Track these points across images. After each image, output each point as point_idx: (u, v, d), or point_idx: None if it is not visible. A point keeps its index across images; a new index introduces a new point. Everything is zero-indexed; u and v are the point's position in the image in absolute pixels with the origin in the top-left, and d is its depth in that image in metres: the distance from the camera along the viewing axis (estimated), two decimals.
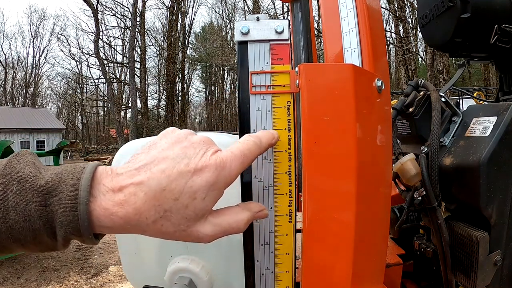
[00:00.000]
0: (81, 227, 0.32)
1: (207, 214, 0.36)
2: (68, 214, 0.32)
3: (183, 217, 0.34)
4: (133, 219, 0.33)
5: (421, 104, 0.72)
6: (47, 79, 38.13)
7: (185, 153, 0.35)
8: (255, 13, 19.97)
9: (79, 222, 0.32)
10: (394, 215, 0.77)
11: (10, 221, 0.31)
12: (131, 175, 0.34)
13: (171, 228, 0.34)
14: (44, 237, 0.33)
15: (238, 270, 0.51)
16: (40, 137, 22.10)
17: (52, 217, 0.32)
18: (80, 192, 0.32)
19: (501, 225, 0.61)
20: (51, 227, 0.32)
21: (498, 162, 0.59)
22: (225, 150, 0.38)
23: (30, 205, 0.32)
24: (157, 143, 0.37)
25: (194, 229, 0.35)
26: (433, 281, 0.78)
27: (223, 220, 0.37)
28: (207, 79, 37.23)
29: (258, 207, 0.41)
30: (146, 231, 0.34)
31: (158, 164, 0.34)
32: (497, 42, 0.75)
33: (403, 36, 15.38)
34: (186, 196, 0.34)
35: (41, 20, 36.94)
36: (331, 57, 0.57)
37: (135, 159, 0.36)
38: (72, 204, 0.32)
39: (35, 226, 0.32)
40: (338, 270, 0.43)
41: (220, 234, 0.37)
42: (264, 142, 0.40)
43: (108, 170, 0.35)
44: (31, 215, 0.32)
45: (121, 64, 28.14)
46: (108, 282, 4.15)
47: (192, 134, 0.39)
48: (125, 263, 0.64)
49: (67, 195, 0.32)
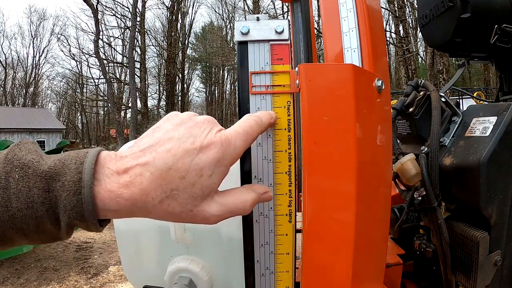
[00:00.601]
0: (85, 211, 0.31)
1: (213, 193, 0.36)
2: (72, 198, 0.31)
3: (190, 195, 0.34)
4: (140, 200, 0.32)
5: (421, 104, 0.72)
6: (47, 79, 38.14)
7: (190, 132, 0.35)
8: (255, 13, 19.99)
9: (83, 206, 0.31)
10: (394, 215, 0.77)
11: (13, 209, 0.31)
12: (136, 157, 0.33)
13: (178, 208, 0.34)
14: (47, 224, 0.32)
15: (238, 270, 0.51)
16: (40, 137, 22.12)
17: (55, 202, 0.31)
18: (84, 175, 0.31)
19: (501, 225, 0.61)
20: (55, 213, 0.32)
21: (498, 162, 0.59)
22: (228, 129, 0.38)
23: (33, 191, 0.31)
24: (161, 126, 0.37)
25: (200, 208, 0.35)
26: (433, 281, 0.78)
27: (229, 200, 0.37)
28: (207, 79, 37.25)
29: (263, 189, 0.41)
30: (152, 212, 0.34)
31: (163, 145, 0.34)
32: (497, 42, 0.75)
33: (403, 36, 15.38)
34: (192, 173, 0.33)
35: (41, 20, 36.94)
36: (331, 57, 0.57)
37: (139, 142, 0.36)
38: (75, 188, 0.31)
39: (38, 213, 0.31)
40: (338, 270, 0.43)
41: (226, 215, 0.37)
42: (264, 121, 0.41)
43: (111, 154, 0.35)
44: (34, 201, 0.31)
45: (121, 64, 28.15)
46: (108, 282, 4.15)
47: (196, 115, 0.39)
48: (125, 263, 0.64)
49: (70, 179, 0.31)
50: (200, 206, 0.35)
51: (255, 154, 0.45)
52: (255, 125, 0.39)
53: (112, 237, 5.59)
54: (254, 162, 0.45)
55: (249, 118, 0.40)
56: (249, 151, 0.45)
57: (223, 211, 0.36)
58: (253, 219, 0.46)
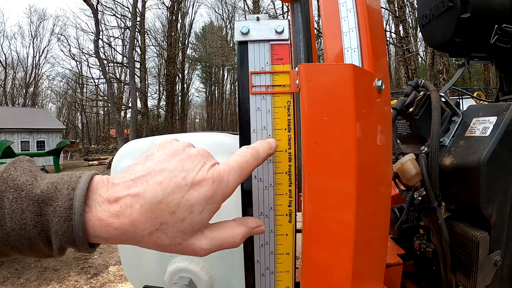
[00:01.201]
0: (75, 237, 0.32)
1: (203, 228, 0.36)
2: (63, 224, 0.32)
3: (179, 230, 0.34)
4: (129, 231, 0.33)
5: (421, 104, 0.72)
6: (47, 79, 38.14)
7: (183, 166, 0.35)
8: (255, 13, 19.97)
9: (73, 232, 0.32)
10: (394, 215, 0.77)
11: (7, 228, 0.32)
12: (127, 186, 0.34)
13: (167, 241, 0.34)
14: (40, 245, 0.33)
15: (238, 270, 0.51)
16: (40, 137, 22.10)
17: (47, 226, 0.32)
18: (75, 202, 0.32)
19: (501, 225, 0.61)
20: (46, 235, 0.32)
21: (498, 162, 0.59)
22: (222, 163, 0.37)
23: (25, 214, 0.32)
24: (154, 154, 0.37)
25: (190, 242, 0.35)
26: (433, 281, 0.78)
27: (220, 234, 0.37)
28: (207, 79, 37.24)
29: (255, 223, 0.41)
30: (141, 242, 0.34)
31: (154, 176, 0.34)
32: (497, 42, 0.75)
33: (403, 36, 15.38)
34: (183, 209, 0.33)
35: (41, 20, 36.95)
36: (331, 57, 0.57)
37: (131, 169, 0.35)
38: (66, 215, 0.32)
39: (30, 234, 0.32)
40: (338, 270, 0.43)
41: (215, 248, 0.37)
42: (262, 153, 0.40)
43: (104, 180, 0.35)
44: (26, 224, 0.32)
45: (121, 64, 28.15)
46: (108, 282, 4.15)
47: (190, 146, 0.39)
48: (125, 263, 0.64)
49: (62, 205, 0.32)
50: (190, 240, 0.35)
51: None
52: (251, 158, 0.38)
53: None
54: None
55: (245, 152, 0.39)
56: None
57: (212, 245, 0.36)
58: None
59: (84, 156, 25.84)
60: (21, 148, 20.52)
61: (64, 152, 24.44)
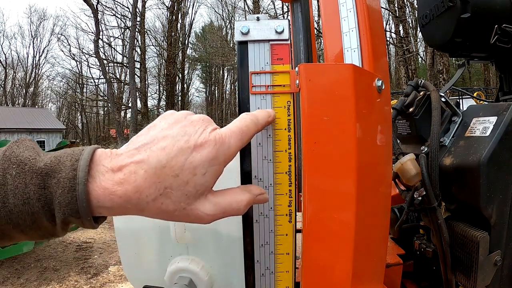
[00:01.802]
0: (79, 208, 0.32)
1: (207, 192, 0.36)
2: (67, 195, 0.31)
3: (184, 193, 0.34)
4: (133, 198, 0.33)
5: (421, 104, 0.72)
6: (47, 79, 38.11)
7: (185, 131, 0.35)
8: (255, 13, 19.97)
9: (77, 203, 0.32)
10: (394, 215, 0.77)
11: (10, 205, 0.31)
12: (131, 155, 0.34)
13: (171, 206, 0.34)
14: (43, 220, 0.32)
15: (238, 270, 0.51)
16: (40, 137, 22.11)
17: (50, 199, 0.32)
18: (79, 172, 0.32)
19: (501, 225, 0.61)
20: (50, 209, 0.32)
21: (498, 162, 0.59)
22: (223, 128, 0.38)
23: (29, 187, 0.32)
24: (157, 124, 0.37)
25: (194, 207, 0.35)
26: (433, 281, 0.78)
27: (224, 200, 0.37)
28: (207, 79, 37.24)
29: (258, 190, 0.41)
30: (145, 210, 0.34)
31: (158, 143, 0.34)
32: (497, 42, 0.75)
33: (403, 36, 15.38)
34: (186, 172, 0.34)
35: (41, 20, 36.92)
36: (331, 57, 0.57)
37: (134, 140, 0.36)
38: (70, 185, 0.31)
39: (34, 209, 0.32)
40: (338, 270, 0.43)
41: (220, 214, 0.37)
42: (261, 120, 0.41)
43: (107, 152, 0.35)
44: (30, 198, 0.31)
45: (121, 64, 28.15)
46: (108, 282, 4.15)
47: (191, 114, 0.39)
48: (125, 263, 0.64)
49: (65, 176, 0.32)
50: (194, 205, 0.35)
51: (255, 154, 0.45)
52: (251, 123, 0.39)
53: (112, 237, 5.58)
54: (254, 162, 0.45)
55: (245, 117, 0.40)
56: (249, 151, 0.45)
57: (216, 211, 0.36)
58: (253, 219, 0.46)
59: None
60: None
61: None
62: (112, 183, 0.32)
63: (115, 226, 0.61)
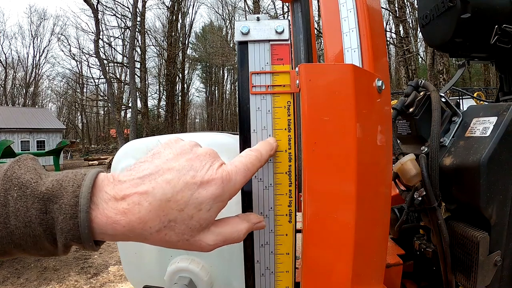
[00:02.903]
0: (81, 234, 0.32)
1: (210, 224, 0.37)
2: (69, 221, 0.32)
3: (188, 227, 0.34)
4: (137, 228, 0.33)
5: (421, 104, 0.72)
6: (47, 79, 38.11)
7: (191, 165, 0.35)
8: (255, 13, 19.97)
9: (79, 230, 0.32)
10: (394, 215, 0.77)
11: (11, 227, 0.32)
12: (135, 184, 0.33)
13: (174, 238, 0.34)
14: (45, 243, 0.33)
15: (238, 270, 0.51)
16: (40, 137, 22.10)
17: (52, 223, 0.32)
18: (81, 199, 0.32)
19: (501, 225, 0.61)
20: (52, 233, 0.32)
21: (498, 162, 0.59)
22: (229, 163, 0.38)
23: (30, 212, 0.32)
24: (161, 152, 0.37)
25: (197, 238, 0.36)
26: (433, 281, 0.78)
27: (225, 230, 0.38)
28: (207, 79, 37.23)
29: (256, 219, 0.42)
30: (148, 239, 0.34)
31: (163, 174, 0.34)
32: (497, 43, 0.75)
33: (403, 36, 15.37)
34: (191, 207, 0.34)
35: (41, 20, 36.93)
36: (331, 57, 0.57)
37: (138, 167, 0.35)
38: (72, 212, 0.32)
39: (35, 232, 0.32)
40: (338, 270, 0.43)
41: (220, 244, 0.38)
42: (264, 155, 0.41)
43: (110, 177, 0.35)
44: (31, 221, 0.32)
45: (121, 64, 28.15)
46: (108, 282, 4.16)
47: (197, 146, 0.39)
48: (125, 263, 0.64)
49: (67, 202, 0.32)
50: (197, 237, 0.36)
51: None
52: (256, 160, 0.40)
53: None
54: None
55: (250, 154, 0.40)
56: None
57: (218, 240, 0.37)
58: None
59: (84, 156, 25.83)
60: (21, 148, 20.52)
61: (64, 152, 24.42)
62: (116, 212, 0.32)
63: None
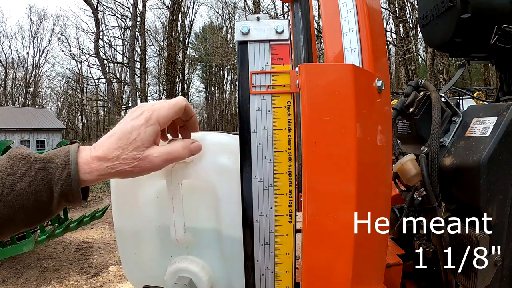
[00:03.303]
0: (72, 181, 0.44)
1: (152, 143, 0.48)
2: (63, 172, 0.44)
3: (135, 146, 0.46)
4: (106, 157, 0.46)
5: (421, 104, 0.72)
6: (47, 79, 38.09)
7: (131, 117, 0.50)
8: (255, 13, 19.96)
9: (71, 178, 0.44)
10: (394, 215, 0.77)
11: (17, 189, 0.42)
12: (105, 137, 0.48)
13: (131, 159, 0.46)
14: (44, 197, 0.43)
15: (238, 270, 0.51)
16: (40, 137, 22.10)
17: (50, 178, 0.44)
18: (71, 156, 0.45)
19: (501, 225, 0.61)
20: (50, 187, 0.44)
21: (498, 162, 0.59)
22: None
23: (34, 172, 0.43)
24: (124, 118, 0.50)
25: (146, 154, 0.47)
26: (433, 281, 0.78)
27: (166, 147, 0.50)
28: (207, 79, 37.22)
29: (190, 140, 0.52)
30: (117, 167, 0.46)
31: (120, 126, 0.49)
32: (497, 43, 0.75)
33: (403, 36, 15.37)
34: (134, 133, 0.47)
35: (42, 20, 36.90)
36: (331, 57, 0.57)
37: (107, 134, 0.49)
38: (66, 166, 0.44)
39: (37, 187, 0.43)
40: (338, 270, 0.43)
41: (165, 155, 0.48)
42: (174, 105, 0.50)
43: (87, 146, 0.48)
44: (35, 179, 0.43)
45: (121, 64, 28.14)
46: (108, 282, 4.15)
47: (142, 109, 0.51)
48: (125, 263, 0.64)
49: (61, 160, 0.45)
50: (146, 153, 0.47)
51: (255, 154, 0.45)
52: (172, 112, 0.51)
53: (112, 237, 5.58)
54: (254, 162, 0.45)
55: None
56: (250, 151, 0.45)
57: (162, 152, 0.48)
58: (253, 219, 0.46)
59: None
60: None
61: None
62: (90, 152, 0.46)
63: (115, 226, 0.61)
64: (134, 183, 0.56)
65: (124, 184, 0.58)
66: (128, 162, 0.47)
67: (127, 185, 0.58)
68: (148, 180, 0.56)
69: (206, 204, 0.54)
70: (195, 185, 0.54)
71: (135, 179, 0.50)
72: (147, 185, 0.57)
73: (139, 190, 0.57)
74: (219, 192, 0.53)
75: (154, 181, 0.56)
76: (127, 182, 0.58)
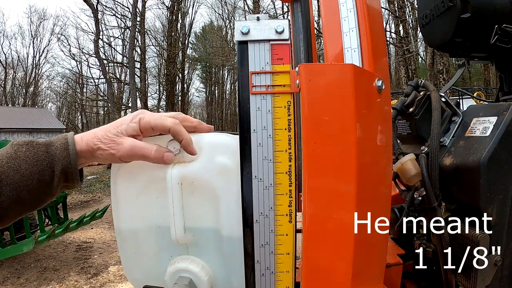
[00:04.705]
0: (71, 160, 0.51)
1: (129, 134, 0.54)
2: (63, 152, 0.51)
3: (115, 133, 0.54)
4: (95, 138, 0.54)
5: (421, 104, 0.72)
6: (47, 79, 38.05)
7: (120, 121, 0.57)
8: (255, 13, 19.95)
9: (70, 157, 0.51)
10: (394, 215, 0.77)
11: (22, 170, 0.48)
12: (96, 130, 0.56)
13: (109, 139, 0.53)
14: (46, 176, 0.50)
15: (238, 270, 0.51)
16: (40, 137, 21.94)
17: (52, 159, 0.51)
18: (69, 139, 0.53)
19: (501, 225, 0.61)
20: (51, 166, 0.51)
21: (498, 162, 0.59)
22: None
23: (38, 154, 0.50)
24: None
25: (120, 140, 0.53)
26: (433, 281, 0.78)
27: (141, 142, 0.54)
28: (207, 79, 37.20)
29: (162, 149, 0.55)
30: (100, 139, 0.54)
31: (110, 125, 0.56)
32: (497, 42, 0.75)
33: (403, 36, 15.37)
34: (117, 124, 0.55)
35: (41, 20, 36.86)
36: (331, 57, 0.57)
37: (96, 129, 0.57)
38: (65, 147, 0.52)
39: (41, 167, 0.50)
40: (338, 270, 0.43)
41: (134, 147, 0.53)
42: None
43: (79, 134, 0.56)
44: (39, 160, 0.50)
45: (121, 64, 28.12)
46: (108, 282, 4.15)
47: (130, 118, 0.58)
48: (125, 263, 0.64)
49: (61, 142, 0.52)
50: (120, 139, 0.54)
51: (255, 154, 0.45)
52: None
53: (112, 237, 5.58)
54: (254, 162, 0.45)
55: None
56: (250, 151, 0.45)
57: (133, 144, 0.53)
58: (253, 219, 0.46)
59: None
60: None
61: None
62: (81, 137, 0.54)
63: (115, 226, 0.61)
64: (134, 183, 0.56)
65: (124, 184, 0.58)
66: (106, 141, 0.54)
67: (127, 185, 0.58)
68: (148, 180, 0.56)
69: (206, 204, 0.54)
70: (195, 185, 0.54)
71: (135, 179, 0.50)
72: (147, 185, 0.57)
73: (139, 190, 0.57)
74: (219, 192, 0.53)
75: (154, 181, 0.56)
76: (127, 182, 0.58)
